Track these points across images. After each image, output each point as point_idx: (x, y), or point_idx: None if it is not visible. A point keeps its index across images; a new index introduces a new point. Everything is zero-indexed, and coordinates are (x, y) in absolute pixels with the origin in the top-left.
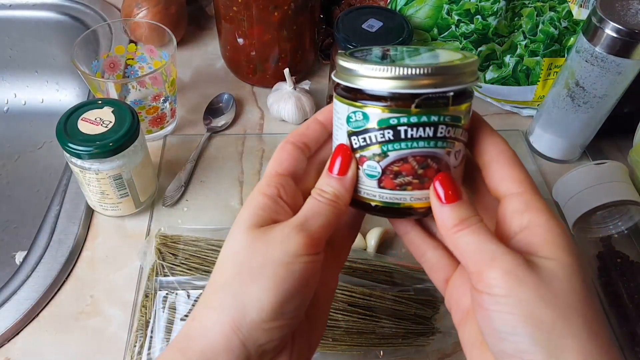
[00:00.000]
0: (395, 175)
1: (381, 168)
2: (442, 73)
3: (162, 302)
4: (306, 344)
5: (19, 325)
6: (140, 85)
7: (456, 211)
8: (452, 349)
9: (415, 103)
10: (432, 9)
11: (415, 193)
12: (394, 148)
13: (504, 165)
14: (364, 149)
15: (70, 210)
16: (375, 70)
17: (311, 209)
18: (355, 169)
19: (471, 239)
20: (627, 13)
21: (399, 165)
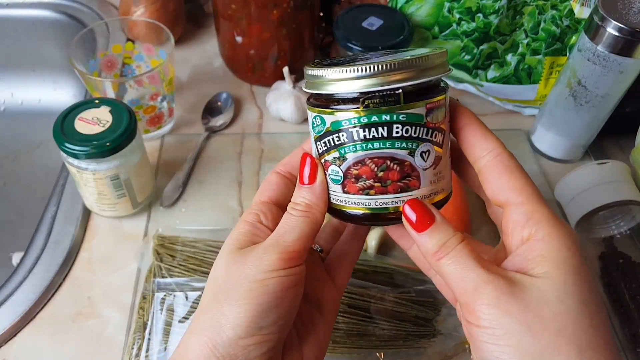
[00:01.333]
0: (357, 179)
1: (342, 172)
2: (388, 70)
3: (160, 304)
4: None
5: (16, 327)
6: (138, 84)
7: (433, 237)
8: (453, 351)
9: (363, 103)
10: (433, 7)
11: (379, 197)
12: (350, 150)
13: (501, 173)
14: (326, 154)
15: (67, 211)
16: (321, 74)
17: (285, 224)
18: (322, 175)
19: (453, 268)
20: (629, 12)
21: (357, 168)
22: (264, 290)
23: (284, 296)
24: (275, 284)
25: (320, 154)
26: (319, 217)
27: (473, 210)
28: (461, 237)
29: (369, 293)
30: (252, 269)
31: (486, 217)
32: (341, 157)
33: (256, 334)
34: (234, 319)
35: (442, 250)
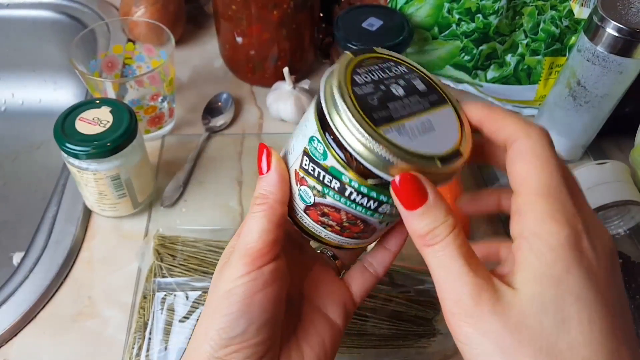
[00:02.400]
0: (323, 214)
1: (313, 201)
2: (407, 164)
3: (161, 304)
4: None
5: (16, 327)
6: (138, 84)
7: (422, 220)
8: (453, 350)
9: (373, 181)
10: (433, 8)
11: (331, 234)
12: (333, 197)
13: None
14: (308, 175)
15: (67, 211)
16: (353, 127)
17: (245, 227)
18: (279, 164)
19: (437, 263)
20: (628, 12)
21: (330, 210)
22: (231, 300)
23: (252, 302)
24: (240, 292)
25: (300, 166)
26: (277, 206)
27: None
28: (452, 225)
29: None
30: (222, 281)
31: (486, 217)
32: (321, 193)
33: (230, 344)
34: (207, 333)
35: (429, 237)
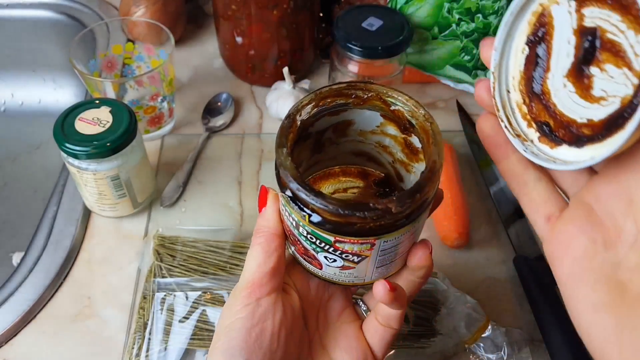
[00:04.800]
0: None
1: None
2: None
3: (160, 304)
4: None
5: (16, 327)
6: (138, 84)
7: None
8: (453, 351)
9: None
10: (433, 8)
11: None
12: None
13: None
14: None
15: (67, 211)
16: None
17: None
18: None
19: None
20: None
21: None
22: (229, 336)
23: (249, 336)
24: (238, 326)
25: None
26: (273, 238)
27: (473, 210)
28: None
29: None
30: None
31: (486, 217)
32: (289, 228)
33: None
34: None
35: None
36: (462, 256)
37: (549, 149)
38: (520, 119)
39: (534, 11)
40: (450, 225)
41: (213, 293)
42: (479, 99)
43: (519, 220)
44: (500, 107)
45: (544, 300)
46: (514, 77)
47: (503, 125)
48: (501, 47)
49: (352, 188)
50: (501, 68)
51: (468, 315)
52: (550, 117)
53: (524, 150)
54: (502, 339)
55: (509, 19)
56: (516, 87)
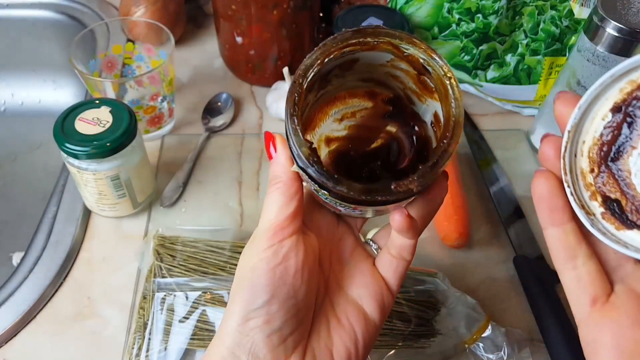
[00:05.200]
0: None
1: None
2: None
3: (160, 304)
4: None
5: (16, 327)
6: (138, 84)
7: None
8: (453, 351)
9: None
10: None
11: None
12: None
13: None
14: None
15: (67, 211)
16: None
17: (264, 206)
18: (282, 148)
19: None
20: (628, 12)
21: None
22: (254, 274)
23: (273, 275)
24: (263, 266)
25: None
26: (291, 182)
27: (473, 210)
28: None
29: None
30: (246, 258)
31: (486, 217)
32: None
33: (252, 317)
34: (232, 309)
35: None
36: (462, 256)
37: (614, 229)
38: (584, 188)
39: (632, 80)
40: (450, 225)
41: (213, 293)
42: (544, 156)
43: (519, 220)
44: (568, 171)
45: (544, 300)
46: (584, 142)
47: (569, 192)
48: (585, 107)
49: (360, 110)
50: (577, 129)
51: (468, 315)
52: (624, 196)
53: (591, 226)
54: (502, 339)
55: (607, 81)
56: (585, 153)
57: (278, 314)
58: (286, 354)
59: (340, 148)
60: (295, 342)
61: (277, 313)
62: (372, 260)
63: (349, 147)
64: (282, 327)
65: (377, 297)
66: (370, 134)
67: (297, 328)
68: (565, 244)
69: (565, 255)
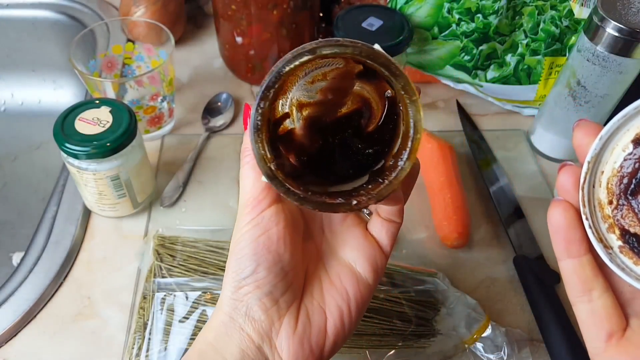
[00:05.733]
0: None
1: None
2: None
3: (160, 304)
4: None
5: (16, 327)
6: (138, 84)
7: None
8: (453, 351)
9: None
10: (433, 8)
11: None
12: None
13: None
14: None
15: (67, 211)
16: None
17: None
18: None
19: None
20: (628, 12)
21: None
22: (240, 246)
23: (257, 244)
24: (246, 237)
25: None
26: None
27: (473, 210)
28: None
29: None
30: (234, 235)
31: (486, 217)
32: None
33: (244, 285)
34: (226, 281)
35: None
36: (462, 256)
37: (632, 263)
38: (601, 220)
39: None
40: (450, 225)
41: (213, 293)
42: (561, 186)
43: (519, 220)
44: (586, 203)
45: (544, 300)
46: (603, 172)
47: (587, 224)
48: (607, 138)
49: (331, 71)
50: (597, 159)
51: (468, 315)
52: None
53: (610, 261)
54: (502, 339)
55: (631, 112)
56: (603, 184)
57: (266, 279)
58: (280, 314)
59: (313, 114)
60: (287, 303)
61: (265, 279)
62: (364, 224)
63: (322, 111)
64: (272, 291)
65: (370, 258)
66: (342, 97)
67: (287, 290)
68: (581, 277)
69: (582, 288)
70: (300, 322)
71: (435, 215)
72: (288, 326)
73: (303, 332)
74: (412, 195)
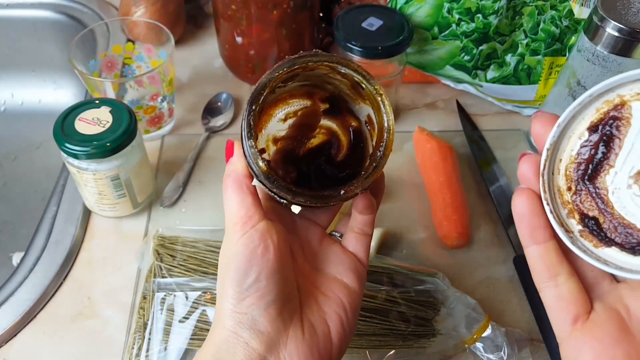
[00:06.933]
0: None
1: None
2: None
3: (160, 304)
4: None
5: (16, 327)
6: (138, 84)
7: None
8: (453, 350)
9: None
10: (433, 8)
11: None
12: None
13: None
14: None
15: (67, 211)
16: None
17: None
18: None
19: None
20: (628, 12)
21: None
22: (238, 258)
23: (255, 255)
24: (242, 250)
25: None
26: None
27: (473, 210)
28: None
29: (369, 293)
30: (225, 249)
31: (486, 217)
32: None
33: (246, 296)
34: (225, 293)
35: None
36: (462, 256)
37: (592, 246)
38: (561, 206)
39: (608, 100)
40: (450, 225)
41: (213, 293)
42: (523, 175)
43: None
44: (547, 189)
45: None
46: (561, 160)
47: (549, 210)
48: (564, 125)
49: (301, 109)
50: (555, 147)
51: (468, 315)
52: (601, 214)
53: (572, 244)
54: (502, 339)
55: (585, 100)
56: (562, 171)
57: (268, 287)
58: (285, 325)
59: (286, 146)
60: (291, 314)
61: (267, 287)
62: (339, 242)
63: (294, 144)
64: (275, 300)
65: (352, 269)
66: (312, 131)
67: (288, 302)
68: (547, 262)
69: (548, 274)
70: (307, 332)
71: (435, 215)
72: (295, 336)
73: (311, 341)
74: (412, 195)
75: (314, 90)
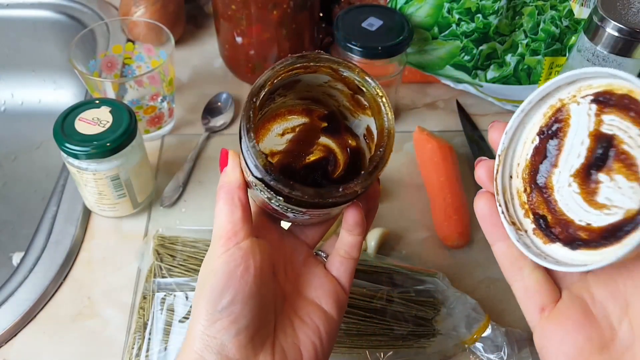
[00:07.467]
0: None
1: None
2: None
3: (160, 304)
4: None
5: (16, 327)
6: (138, 84)
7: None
8: (452, 350)
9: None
10: (433, 8)
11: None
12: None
13: None
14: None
15: (67, 211)
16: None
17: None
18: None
19: None
20: (628, 12)
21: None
22: (216, 277)
23: (234, 275)
24: (222, 268)
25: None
26: (235, 190)
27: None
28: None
29: (369, 293)
30: (206, 263)
31: None
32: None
33: (219, 318)
34: (198, 312)
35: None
36: (462, 256)
37: (542, 243)
38: (519, 207)
39: (552, 105)
40: (450, 225)
41: None
42: (478, 178)
43: None
44: (500, 192)
45: None
46: (519, 164)
47: (500, 210)
48: (512, 133)
49: (299, 126)
50: (508, 153)
51: (468, 315)
52: (549, 211)
53: (517, 240)
54: (502, 339)
55: (526, 107)
56: (519, 175)
57: (242, 313)
58: (255, 352)
59: (283, 161)
60: (262, 340)
61: (242, 312)
62: (323, 265)
63: (291, 159)
64: (248, 326)
65: (332, 295)
66: (309, 147)
67: (262, 327)
68: (510, 257)
69: (513, 267)
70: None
71: (436, 215)
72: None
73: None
74: (412, 195)
75: (312, 107)
